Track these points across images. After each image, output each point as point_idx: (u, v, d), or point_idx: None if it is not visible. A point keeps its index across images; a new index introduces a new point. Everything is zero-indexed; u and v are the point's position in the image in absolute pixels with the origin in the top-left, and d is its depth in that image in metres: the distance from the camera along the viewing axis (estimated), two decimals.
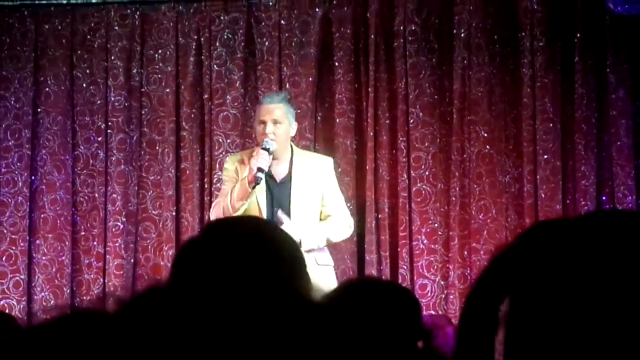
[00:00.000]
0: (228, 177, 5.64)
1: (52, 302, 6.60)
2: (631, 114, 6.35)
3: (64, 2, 6.75)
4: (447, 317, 5.31)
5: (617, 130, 6.35)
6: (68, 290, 6.64)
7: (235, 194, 5.49)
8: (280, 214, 5.43)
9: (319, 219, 5.62)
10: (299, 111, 6.18)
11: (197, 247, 1.71)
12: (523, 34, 6.45)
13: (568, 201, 6.41)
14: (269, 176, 5.54)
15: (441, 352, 2.33)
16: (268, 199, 5.55)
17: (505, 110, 6.51)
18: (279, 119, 5.51)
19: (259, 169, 5.39)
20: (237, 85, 6.68)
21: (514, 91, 6.49)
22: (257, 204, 5.53)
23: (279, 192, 5.56)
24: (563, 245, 1.17)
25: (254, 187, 5.44)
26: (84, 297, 6.67)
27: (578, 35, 6.39)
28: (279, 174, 5.58)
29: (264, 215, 5.47)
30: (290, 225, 5.29)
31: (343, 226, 5.65)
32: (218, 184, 6.62)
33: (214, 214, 5.61)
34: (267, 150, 5.44)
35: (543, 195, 6.38)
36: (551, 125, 6.42)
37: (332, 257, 5.70)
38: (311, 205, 5.57)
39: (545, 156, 6.40)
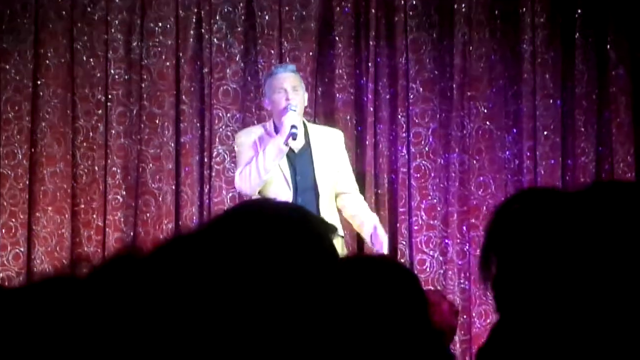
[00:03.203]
0: (246, 147, 5.59)
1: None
2: (631, 91, 6.35)
3: None
4: (442, 294, 5.32)
5: (617, 107, 6.35)
6: (67, 263, 6.65)
7: (268, 155, 5.44)
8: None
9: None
10: None
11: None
12: (524, 9, 6.44)
13: (567, 177, 6.42)
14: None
15: (438, 329, 2.34)
16: (291, 169, 5.55)
17: (506, 86, 6.51)
18: (297, 86, 5.52)
19: (293, 126, 5.40)
20: (237, 59, 6.67)
21: (514, 67, 6.49)
22: (281, 174, 5.52)
23: (299, 162, 5.55)
24: (544, 212, 1.19)
25: (290, 140, 5.41)
26: (84, 271, 6.67)
27: (579, 11, 6.38)
28: (296, 144, 5.56)
29: (289, 185, 5.50)
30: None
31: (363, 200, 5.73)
32: (217, 158, 6.63)
33: (243, 179, 5.51)
34: (293, 109, 5.46)
35: (542, 172, 6.39)
36: (551, 101, 6.42)
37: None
38: (332, 175, 5.58)
39: (545, 132, 6.40)
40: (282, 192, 5.47)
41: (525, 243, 1.17)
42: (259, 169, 5.43)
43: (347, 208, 5.63)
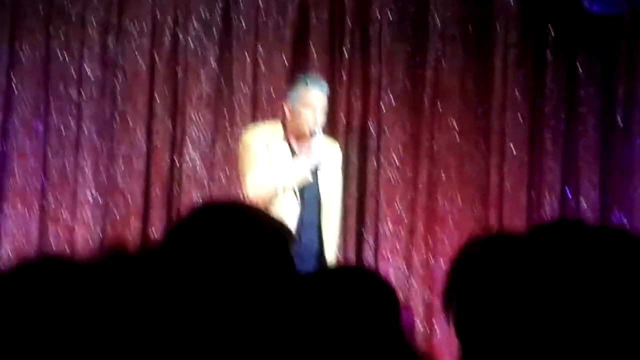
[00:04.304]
0: (257, 151, 5.59)
1: None
2: (599, 112, 6.44)
3: None
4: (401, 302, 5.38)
5: (584, 127, 6.44)
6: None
7: (291, 177, 5.52)
8: None
9: None
10: (273, 95, 6.22)
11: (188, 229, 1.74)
12: (497, 26, 6.52)
13: (533, 194, 6.50)
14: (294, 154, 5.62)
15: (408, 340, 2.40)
16: (300, 193, 5.60)
17: (476, 102, 6.58)
18: (324, 107, 5.60)
19: (319, 156, 5.50)
20: (212, 62, 6.71)
21: (485, 83, 6.56)
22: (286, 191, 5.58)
23: (307, 186, 5.62)
24: (495, 259, 1.28)
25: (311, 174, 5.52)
26: None
27: (551, 30, 6.46)
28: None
29: (297, 196, 5.55)
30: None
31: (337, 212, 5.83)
32: (188, 160, 6.65)
33: (258, 191, 5.52)
34: (320, 136, 5.55)
35: (509, 188, 6.47)
36: (520, 118, 6.50)
37: None
38: (331, 186, 5.71)
39: (513, 149, 6.48)
40: (291, 203, 5.53)
41: (480, 285, 1.26)
42: (278, 187, 5.47)
43: None
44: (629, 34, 6.39)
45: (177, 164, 6.70)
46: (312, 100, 5.61)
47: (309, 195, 5.61)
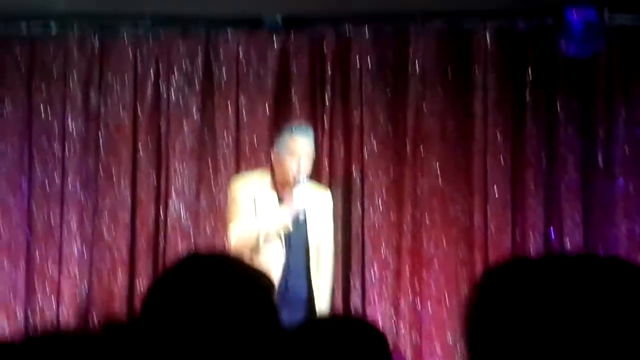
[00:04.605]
0: (243, 200, 5.61)
1: (5, 324, 6.62)
2: (579, 151, 6.50)
3: (24, 33, 6.78)
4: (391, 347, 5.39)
5: (565, 166, 6.49)
6: (21, 314, 6.66)
7: (272, 228, 5.53)
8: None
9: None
10: (256, 144, 6.26)
11: (173, 281, 1.77)
12: (476, 69, 6.59)
13: (517, 234, 6.53)
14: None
15: None
16: (286, 240, 5.61)
17: (458, 145, 6.63)
18: (310, 152, 5.60)
19: (299, 207, 5.49)
20: (194, 112, 6.75)
21: (466, 125, 6.62)
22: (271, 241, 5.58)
23: (295, 221, 5.62)
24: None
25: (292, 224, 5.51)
26: (38, 321, 6.70)
27: (530, 72, 6.53)
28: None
29: (283, 243, 5.56)
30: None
31: (330, 263, 5.78)
32: (173, 211, 6.68)
33: (240, 241, 5.58)
34: (304, 185, 5.54)
35: (493, 228, 6.51)
36: (502, 159, 6.55)
37: None
38: (318, 235, 5.71)
39: (496, 190, 6.52)
40: (276, 250, 5.54)
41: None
42: (259, 237, 5.48)
43: None
44: (606, 74, 6.47)
45: (162, 216, 6.72)
46: (297, 148, 5.65)
47: (296, 242, 5.63)
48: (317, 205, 5.71)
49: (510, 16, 6.52)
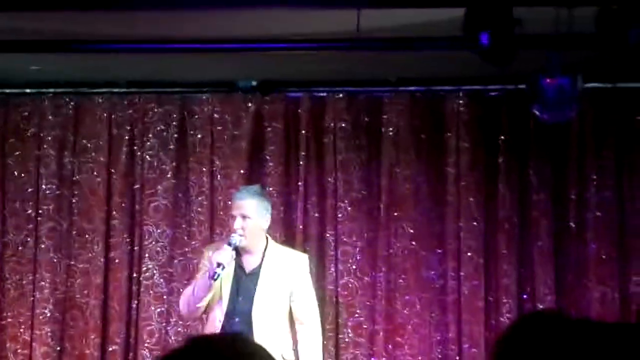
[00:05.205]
0: (204, 265, 5.63)
1: None
2: (552, 216, 6.54)
3: None
4: None
5: (537, 231, 6.54)
6: None
7: (197, 287, 5.51)
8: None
9: (288, 316, 5.60)
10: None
11: None
12: (449, 134, 6.64)
13: (490, 298, 6.56)
14: (239, 267, 5.56)
15: None
16: (233, 289, 5.54)
17: (431, 208, 6.67)
18: (248, 213, 5.54)
19: (218, 264, 5.42)
20: (169, 175, 6.76)
21: (439, 189, 6.66)
22: (220, 293, 5.54)
23: (246, 282, 5.54)
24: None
25: (214, 280, 5.45)
26: None
27: (502, 137, 6.59)
28: (250, 265, 5.58)
29: (224, 305, 5.50)
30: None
31: (316, 336, 5.66)
32: (147, 274, 6.67)
33: (181, 302, 5.61)
34: (230, 244, 5.49)
35: (466, 292, 6.53)
36: (475, 223, 6.59)
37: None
38: (277, 299, 5.52)
39: (469, 253, 6.55)
40: (216, 313, 5.50)
41: None
42: (193, 297, 5.47)
43: (298, 341, 5.61)
44: (578, 139, 6.54)
45: (136, 278, 6.70)
46: (232, 208, 5.63)
47: (243, 306, 5.53)
48: (283, 267, 5.64)
49: (483, 82, 6.59)
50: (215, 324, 5.47)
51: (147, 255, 6.69)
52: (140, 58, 6.13)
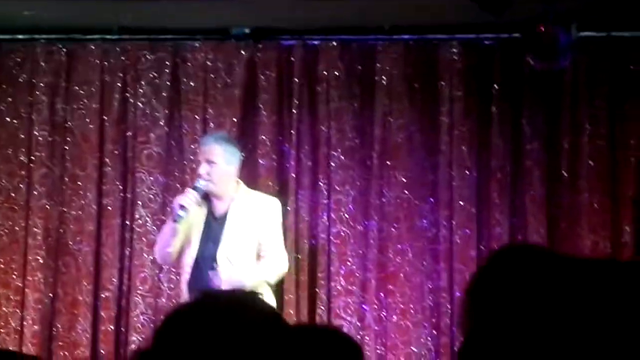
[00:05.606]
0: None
1: None
2: (544, 165, 6.55)
3: None
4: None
5: (530, 180, 6.54)
6: None
7: (164, 231, 5.62)
8: (212, 275, 5.49)
9: (256, 261, 5.67)
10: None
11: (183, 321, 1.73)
12: (442, 82, 6.63)
13: (482, 247, 6.57)
14: (210, 212, 5.63)
15: None
16: (203, 234, 5.62)
17: (424, 157, 6.67)
18: (213, 159, 5.59)
19: (181, 206, 5.49)
20: (162, 123, 6.75)
21: (432, 138, 6.65)
22: (190, 238, 5.61)
23: (215, 227, 5.63)
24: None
25: (177, 222, 5.53)
26: (2, 331, 6.67)
27: (496, 86, 6.58)
28: (219, 210, 5.66)
29: (193, 249, 5.57)
30: (231, 270, 5.44)
31: (274, 265, 5.70)
32: (139, 221, 6.68)
33: (155, 249, 5.86)
34: (195, 189, 5.54)
35: (458, 241, 6.54)
36: (467, 172, 6.59)
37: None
38: (244, 242, 5.61)
39: (461, 202, 6.56)
40: (187, 258, 5.60)
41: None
42: (161, 241, 5.63)
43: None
44: (571, 88, 6.53)
45: (128, 225, 6.71)
46: (200, 153, 5.72)
47: (212, 250, 5.59)
48: (251, 211, 5.68)
49: (477, 30, 6.57)
50: (185, 269, 5.59)
51: (139, 202, 6.69)
52: (132, 4, 6.10)
